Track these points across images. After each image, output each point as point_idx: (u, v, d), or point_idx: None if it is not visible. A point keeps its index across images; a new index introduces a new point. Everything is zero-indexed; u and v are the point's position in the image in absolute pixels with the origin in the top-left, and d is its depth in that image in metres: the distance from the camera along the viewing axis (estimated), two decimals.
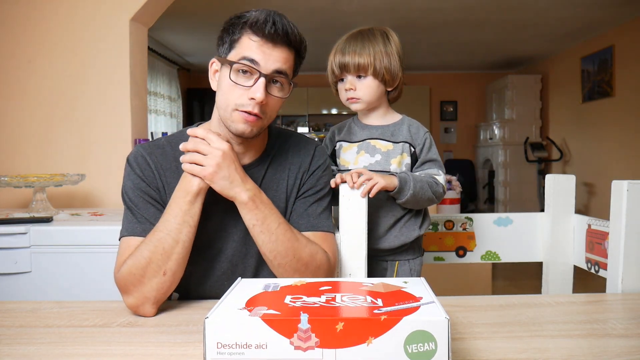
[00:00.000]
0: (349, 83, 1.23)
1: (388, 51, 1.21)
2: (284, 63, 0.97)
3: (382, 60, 1.20)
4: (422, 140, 1.25)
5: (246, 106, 0.95)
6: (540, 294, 1.17)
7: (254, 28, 0.94)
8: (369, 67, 1.20)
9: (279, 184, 1.07)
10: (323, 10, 4.47)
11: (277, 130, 1.14)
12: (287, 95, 1.01)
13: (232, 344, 0.59)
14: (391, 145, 1.25)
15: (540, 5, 4.30)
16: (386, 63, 1.21)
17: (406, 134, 1.26)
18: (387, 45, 1.22)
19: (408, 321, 0.58)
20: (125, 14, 2.30)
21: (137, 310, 0.91)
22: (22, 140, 2.31)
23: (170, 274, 0.92)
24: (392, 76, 1.22)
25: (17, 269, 1.65)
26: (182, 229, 0.93)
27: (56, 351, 0.74)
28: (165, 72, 6.33)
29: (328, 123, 7.96)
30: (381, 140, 1.26)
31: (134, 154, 1.04)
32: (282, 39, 0.95)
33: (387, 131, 1.27)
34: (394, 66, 1.22)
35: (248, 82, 0.95)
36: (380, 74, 1.21)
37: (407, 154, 1.25)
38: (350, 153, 1.28)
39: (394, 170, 1.23)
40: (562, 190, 1.32)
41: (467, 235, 1.44)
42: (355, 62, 1.20)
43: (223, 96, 0.98)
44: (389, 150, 1.25)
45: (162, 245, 0.92)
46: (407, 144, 1.25)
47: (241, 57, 0.95)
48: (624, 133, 4.91)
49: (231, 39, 0.97)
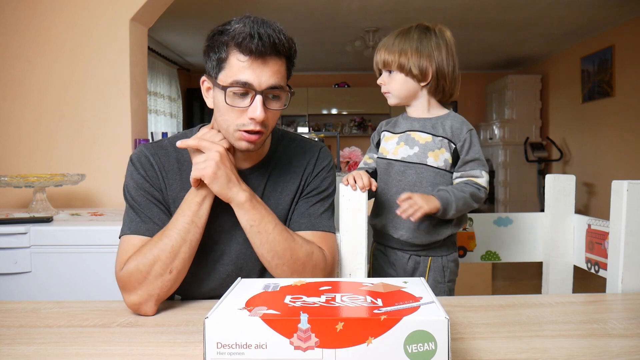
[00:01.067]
0: (380, 78, 1.29)
1: (420, 48, 1.23)
2: (277, 76, 0.94)
3: (410, 56, 1.22)
4: (463, 138, 1.24)
5: (247, 125, 0.95)
6: (540, 294, 1.17)
7: (241, 47, 0.91)
8: (393, 63, 1.24)
9: (283, 187, 1.07)
10: (323, 10, 4.47)
11: (280, 133, 1.13)
12: (286, 104, 0.99)
13: (232, 344, 0.59)
14: (430, 137, 1.24)
15: (540, 5, 4.30)
16: (414, 59, 1.22)
17: (447, 130, 1.25)
18: (422, 42, 1.24)
19: (408, 321, 0.58)
20: (125, 14, 2.30)
21: (139, 308, 0.91)
22: (22, 140, 2.31)
23: (175, 272, 0.94)
24: (420, 72, 1.23)
25: (17, 269, 1.65)
26: (190, 229, 0.95)
27: (56, 351, 0.74)
28: (165, 72, 6.33)
29: (328, 123, 7.96)
30: (421, 133, 1.25)
31: (137, 154, 1.04)
32: (271, 51, 0.92)
33: (428, 124, 1.26)
34: (422, 63, 1.23)
35: (244, 102, 0.94)
36: (407, 69, 1.23)
37: (446, 150, 1.24)
38: (391, 143, 1.29)
39: (431, 164, 1.24)
40: (562, 190, 1.32)
41: (467, 235, 1.44)
42: (382, 58, 1.26)
43: (222, 117, 0.97)
44: (427, 142, 1.24)
45: (171, 244, 0.93)
46: (447, 140, 1.24)
47: (233, 81, 0.92)
48: (624, 133, 4.92)
49: (218, 57, 0.94)
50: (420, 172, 1.24)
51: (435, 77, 1.24)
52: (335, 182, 1.15)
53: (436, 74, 1.24)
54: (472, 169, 1.23)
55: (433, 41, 1.24)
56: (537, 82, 6.65)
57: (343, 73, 7.76)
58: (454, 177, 1.24)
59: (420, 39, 1.24)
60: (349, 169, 2.95)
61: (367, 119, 7.83)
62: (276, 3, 4.16)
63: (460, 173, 1.23)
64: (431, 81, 1.25)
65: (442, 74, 1.25)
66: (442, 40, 1.25)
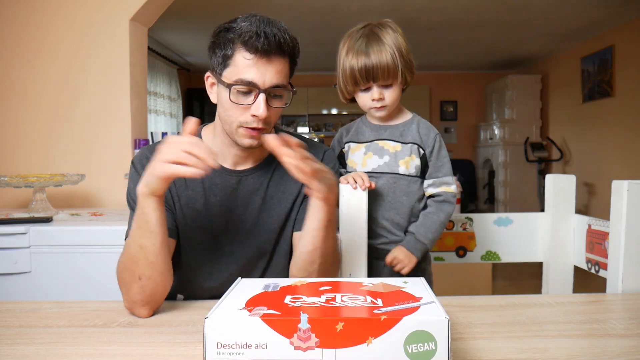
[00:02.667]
0: (377, 93, 1.17)
1: (403, 49, 1.16)
2: (281, 75, 0.95)
3: (404, 60, 1.15)
4: (432, 143, 1.21)
5: (250, 123, 0.96)
6: (540, 294, 1.17)
7: (247, 45, 0.92)
8: (398, 74, 1.15)
9: (285, 187, 1.07)
10: (323, 10, 4.47)
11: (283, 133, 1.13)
12: (288, 103, 1.00)
13: (232, 344, 0.59)
14: (399, 146, 1.21)
15: (540, 5, 4.29)
16: (408, 63, 1.16)
17: (415, 135, 1.22)
18: (399, 39, 1.16)
19: (408, 321, 0.58)
20: (125, 14, 2.30)
21: (132, 311, 0.91)
22: (22, 140, 2.31)
23: (145, 279, 0.89)
24: (412, 76, 1.18)
25: (17, 269, 1.65)
26: (141, 234, 0.89)
27: (56, 351, 0.74)
28: (165, 72, 6.33)
29: (328, 123, 7.96)
30: (389, 141, 1.22)
31: (139, 156, 1.04)
32: (275, 50, 0.93)
33: (395, 131, 1.23)
34: (411, 63, 1.18)
35: (248, 99, 0.95)
36: (404, 77, 1.17)
37: (416, 156, 1.21)
38: (358, 154, 1.25)
39: (403, 172, 1.21)
40: (562, 190, 1.32)
41: (467, 235, 1.44)
42: (385, 71, 1.14)
43: (225, 113, 0.98)
44: (397, 151, 1.21)
45: (129, 251, 0.90)
46: (416, 145, 1.21)
47: (237, 79, 0.93)
48: (624, 133, 4.91)
49: (224, 54, 0.95)
50: (392, 182, 1.21)
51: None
52: (338, 184, 1.15)
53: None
54: (444, 175, 1.22)
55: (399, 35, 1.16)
56: (537, 82, 6.65)
57: None
58: (426, 184, 1.23)
59: (396, 37, 1.15)
60: None
61: None
62: (276, 3, 4.15)
63: (433, 180, 1.22)
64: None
65: (414, 71, 1.19)
66: (402, 35, 1.18)
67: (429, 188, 1.23)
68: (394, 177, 1.21)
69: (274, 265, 1.07)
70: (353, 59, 1.15)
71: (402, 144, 1.21)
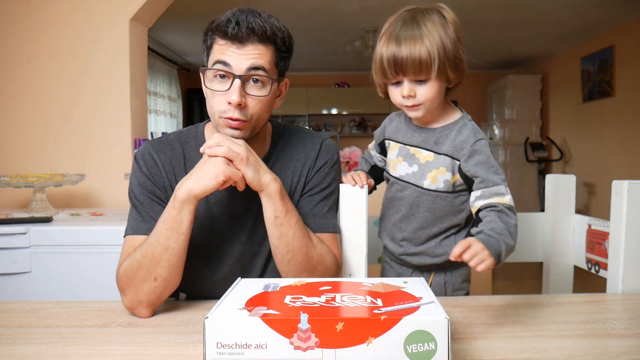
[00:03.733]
0: (407, 89, 1.00)
1: (451, 39, 0.98)
2: (259, 59, 0.92)
3: (446, 55, 0.97)
4: (467, 151, 1.01)
5: (227, 112, 0.93)
6: (540, 294, 1.17)
7: (220, 31, 0.92)
8: (432, 69, 0.97)
9: (283, 180, 1.05)
10: (323, 10, 4.47)
11: (282, 127, 1.12)
12: (268, 93, 0.95)
13: (232, 344, 0.59)
14: (432, 155, 1.05)
15: (540, 5, 4.29)
16: (452, 58, 0.98)
17: (450, 144, 1.03)
18: (447, 30, 0.98)
19: (408, 321, 0.58)
20: (125, 14, 2.30)
21: (133, 311, 0.91)
22: (22, 140, 2.31)
23: (161, 280, 0.90)
24: (458, 73, 1.01)
25: (17, 269, 1.65)
26: (170, 235, 0.89)
27: (56, 351, 0.74)
28: (165, 72, 6.33)
29: (328, 123, 7.96)
30: (422, 150, 1.07)
31: (142, 152, 1.03)
32: (247, 36, 0.91)
33: (431, 137, 1.06)
34: (459, 59, 1.00)
35: (224, 86, 0.93)
36: (445, 74, 0.99)
37: (447, 169, 1.04)
38: (393, 154, 1.13)
39: (427, 187, 1.06)
40: (562, 190, 1.32)
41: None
42: (416, 64, 0.96)
43: (208, 104, 0.98)
44: (427, 162, 1.06)
45: (152, 251, 0.90)
46: (449, 158, 1.04)
47: (213, 62, 0.93)
48: (624, 133, 4.91)
49: (206, 46, 0.97)
50: (415, 196, 1.09)
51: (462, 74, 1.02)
52: (339, 177, 1.13)
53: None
54: (494, 184, 0.99)
55: (452, 26, 0.99)
56: (537, 82, 6.65)
57: (343, 73, 7.76)
58: (473, 198, 1.01)
59: (445, 29, 0.98)
60: (349, 168, 2.95)
61: (367, 119, 7.82)
62: (276, 3, 4.16)
63: (481, 192, 1.00)
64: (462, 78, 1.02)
65: (463, 67, 1.02)
66: (456, 23, 1.01)
67: (477, 201, 1.00)
68: (417, 190, 1.08)
69: (274, 263, 1.07)
70: (384, 46, 1.00)
71: (436, 154, 1.05)
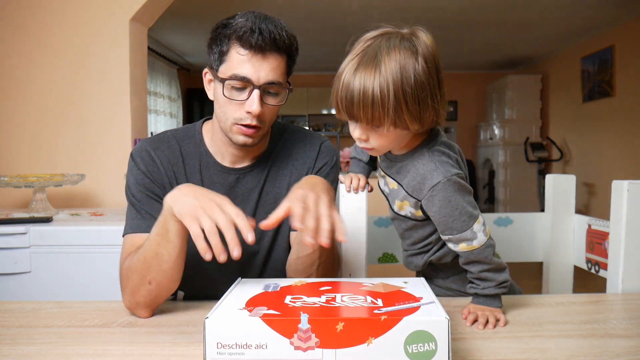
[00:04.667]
0: (358, 132, 0.88)
1: (417, 81, 0.80)
2: (276, 72, 0.94)
3: (409, 105, 0.81)
4: (426, 195, 0.89)
5: (244, 120, 0.94)
6: (540, 294, 1.17)
7: (242, 41, 0.92)
8: (386, 120, 0.81)
9: (282, 180, 1.06)
10: (323, 11, 4.47)
11: (281, 126, 1.12)
12: (283, 101, 0.98)
13: (232, 344, 0.59)
14: (396, 184, 0.96)
15: (540, 5, 4.29)
16: (414, 108, 0.81)
17: (411, 178, 0.91)
18: (411, 69, 0.80)
19: (408, 321, 0.58)
20: (125, 14, 2.30)
21: (132, 311, 0.91)
22: (22, 140, 2.31)
23: (155, 284, 0.88)
24: (420, 121, 0.83)
25: (17, 269, 1.65)
26: (159, 241, 0.86)
27: (56, 351, 0.74)
28: (165, 72, 6.33)
29: (328, 123, 7.96)
30: (387, 177, 0.99)
31: (138, 149, 1.03)
32: (270, 47, 0.92)
33: (393, 166, 0.96)
34: (422, 105, 0.82)
35: (242, 95, 0.94)
36: (403, 123, 0.82)
37: (409, 203, 0.94)
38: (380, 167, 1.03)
39: (397, 211, 0.99)
40: (562, 190, 1.32)
41: None
42: (368, 115, 0.82)
43: (220, 109, 0.97)
44: (393, 189, 0.98)
45: (145, 255, 0.88)
46: (408, 194, 0.93)
47: (232, 74, 0.93)
48: (624, 133, 4.91)
49: (220, 50, 0.95)
50: (391, 216, 1.03)
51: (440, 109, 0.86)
52: (338, 178, 1.13)
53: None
54: (459, 231, 0.88)
55: (421, 61, 0.81)
56: (537, 82, 6.65)
57: None
58: (444, 239, 0.93)
59: (406, 66, 0.80)
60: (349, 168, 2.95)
61: None
62: (276, 3, 4.15)
63: (448, 237, 0.91)
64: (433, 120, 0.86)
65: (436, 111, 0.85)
66: (429, 55, 0.83)
67: (448, 244, 0.93)
68: (392, 212, 1.02)
69: (273, 262, 1.07)
70: (338, 85, 0.84)
71: (398, 184, 0.95)
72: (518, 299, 1.00)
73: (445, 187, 0.87)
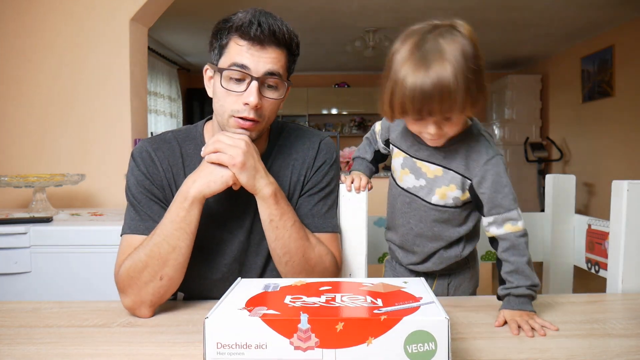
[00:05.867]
0: (433, 127, 0.89)
1: (473, 65, 0.86)
2: (275, 64, 0.94)
3: (469, 88, 0.85)
4: (481, 172, 0.93)
5: (242, 112, 0.93)
6: (540, 294, 1.17)
7: (240, 32, 0.92)
8: (457, 107, 0.85)
9: (282, 180, 1.05)
10: (322, 11, 4.47)
11: (280, 124, 1.11)
12: (282, 96, 0.97)
13: (232, 344, 0.59)
14: (440, 170, 0.98)
15: (540, 5, 4.30)
16: (475, 89, 0.86)
17: (461, 160, 0.96)
18: (470, 54, 0.86)
19: (408, 321, 0.58)
20: (125, 14, 2.30)
21: (134, 311, 0.91)
22: (22, 140, 2.31)
23: (167, 279, 0.91)
24: (476, 104, 0.88)
25: (17, 269, 1.65)
26: (179, 235, 0.90)
27: (56, 351, 0.74)
28: (165, 72, 6.33)
29: (328, 123, 7.96)
30: (429, 164, 0.99)
31: (139, 149, 1.02)
32: (269, 39, 0.92)
33: (439, 151, 0.98)
34: (480, 88, 0.87)
35: (240, 87, 0.93)
36: (468, 107, 0.87)
37: (457, 187, 0.97)
38: (397, 162, 1.06)
39: (435, 202, 1.00)
40: (562, 190, 1.32)
41: None
42: (445, 106, 0.84)
43: (218, 103, 0.97)
44: (436, 177, 0.99)
45: (159, 251, 0.90)
46: (459, 175, 0.96)
47: (231, 64, 0.93)
48: (624, 133, 4.91)
49: (220, 44, 0.95)
50: (423, 211, 1.03)
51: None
52: (338, 176, 1.12)
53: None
54: (507, 209, 0.92)
55: (473, 49, 0.88)
56: (537, 82, 6.65)
57: (343, 73, 7.76)
58: (486, 223, 0.95)
59: (465, 55, 0.85)
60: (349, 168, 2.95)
61: (367, 119, 7.82)
62: (276, 3, 4.16)
63: (493, 218, 0.94)
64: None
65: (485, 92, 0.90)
66: (474, 41, 0.89)
67: (490, 228, 0.95)
68: (425, 205, 1.02)
69: (274, 263, 1.07)
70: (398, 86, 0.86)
71: (445, 169, 0.97)
72: None
73: (498, 162, 0.94)
